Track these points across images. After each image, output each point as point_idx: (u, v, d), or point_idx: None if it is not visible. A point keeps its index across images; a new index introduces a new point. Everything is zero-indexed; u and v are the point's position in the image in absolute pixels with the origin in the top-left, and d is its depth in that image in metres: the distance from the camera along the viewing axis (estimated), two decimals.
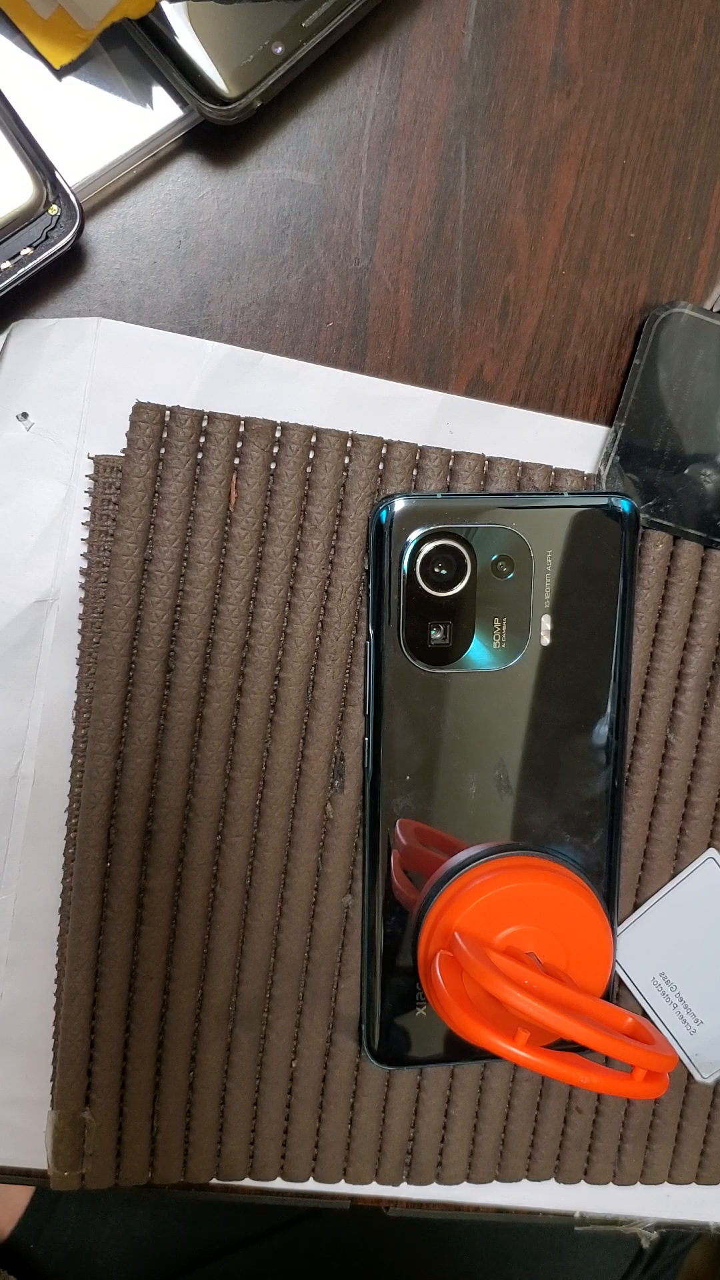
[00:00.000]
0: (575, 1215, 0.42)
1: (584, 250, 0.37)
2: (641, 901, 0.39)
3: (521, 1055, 0.31)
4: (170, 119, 0.34)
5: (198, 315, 0.36)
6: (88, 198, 0.34)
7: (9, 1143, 0.37)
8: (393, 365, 0.37)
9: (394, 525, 0.34)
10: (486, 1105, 0.39)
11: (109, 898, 0.36)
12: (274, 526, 0.35)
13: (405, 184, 0.36)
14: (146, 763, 0.35)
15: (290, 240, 0.36)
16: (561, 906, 0.35)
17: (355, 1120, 0.39)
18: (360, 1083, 0.38)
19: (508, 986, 0.31)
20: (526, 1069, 0.37)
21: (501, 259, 0.37)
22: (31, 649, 0.36)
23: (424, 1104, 0.39)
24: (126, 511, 0.34)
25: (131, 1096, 0.37)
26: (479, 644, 0.35)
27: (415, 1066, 0.38)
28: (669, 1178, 0.41)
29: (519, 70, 0.36)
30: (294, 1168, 0.39)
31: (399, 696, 0.35)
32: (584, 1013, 0.33)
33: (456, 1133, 0.39)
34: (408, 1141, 0.39)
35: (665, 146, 0.38)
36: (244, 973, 0.37)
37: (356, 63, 0.36)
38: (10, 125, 0.31)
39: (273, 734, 0.36)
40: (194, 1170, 0.38)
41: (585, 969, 0.35)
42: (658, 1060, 0.31)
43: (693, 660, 0.38)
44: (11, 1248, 0.55)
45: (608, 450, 0.37)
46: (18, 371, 0.34)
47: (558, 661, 0.36)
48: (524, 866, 0.35)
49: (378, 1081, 0.38)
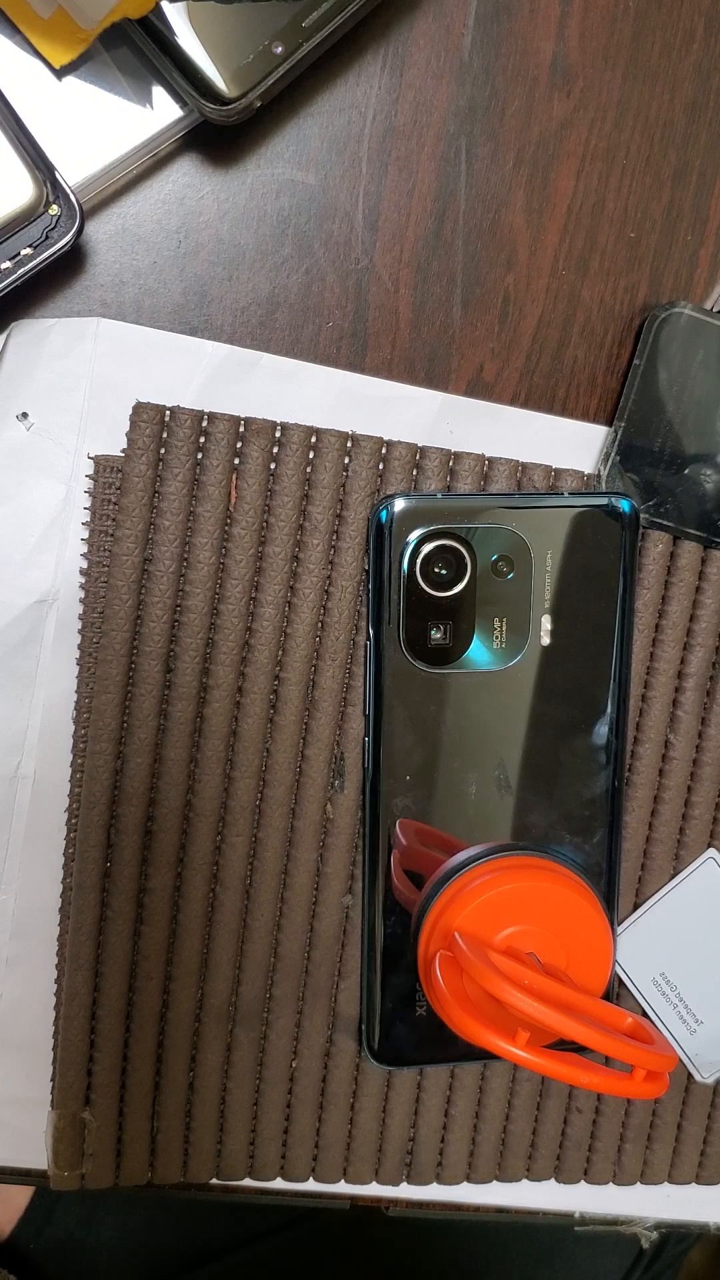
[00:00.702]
0: (575, 1215, 0.42)
1: (584, 250, 0.37)
2: (641, 901, 0.39)
3: (521, 1055, 0.31)
4: (170, 119, 0.34)
5: (198, 315, 0.36)
6: (88, 198, 0.34)
7: (9, 1143, 0.37)
8: (393, 365, 0.37)
9: (394, 525, 0.34)
10: (486, 1105, 0.39)
11: (109, 898, 0.36)
12: (274, 526, 0.35)
13: (405, 184, 0.36)
14: (146, 763, 0.35)
15: (290, 240, 0.36)
16: (561, 906, 0.35)
17: (355, 1120, 0.39)
18: (360, 1083, 0.38)
19: (508, 986, 0.31)
20: (526, 1069, 0.37)
21: (501, 259, 0.37)
22: (31, 649, 0.36)
23: (424, 1104, 0.39)
24: (126, 511, 0.34)
25: (131, 1096, 0.37)
26: (479, 644, 0.35)
27: (415, 1066, 0.38)
28: (669, 1178, 0.41)
29: (519, 70, 0.36)
30: (294, 1168, 0.39)
31: (399, 696, 0.35)
32: (584, 1013, 0.33)
33: (456, 1133, 0.39)
34: (408, 1141, 0.39)
35: (665, 146, 0.38)
36: (244, 973, 0.37)
37: (356, 63, 0.36)
38: (10, 125, 0.31)
39: (273, 734, 0.36)
40: (194, 1170, 0.38)
41: (585, 969, 0.35)
42: (658, 1060, 0.31)
43: (693, 660, 0.38)
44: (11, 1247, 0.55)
45: (608, 450, 0.37)
46: (18, 371, 0.34)
47: (558, 661, 0.36)
48: (524, 866, 0.35)
49: (378, 1081, 0.38)
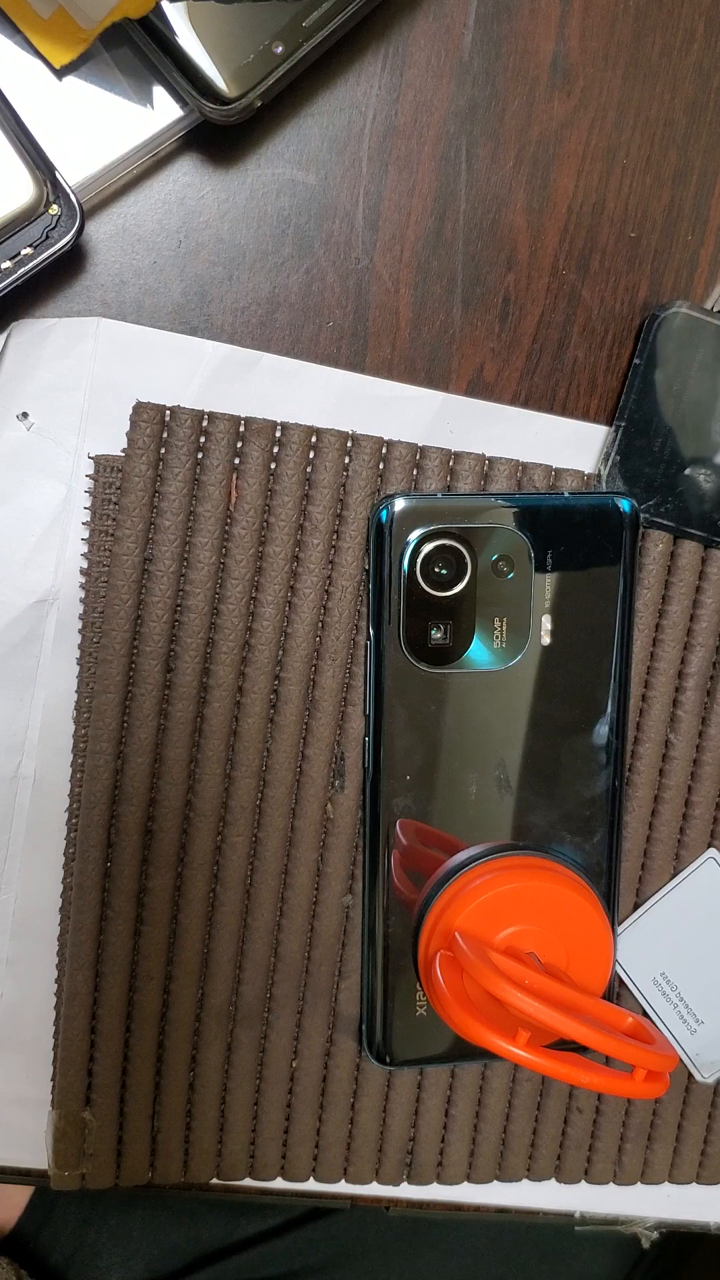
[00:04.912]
0: (575, 1215, 0.41)
1: (584, 250, 0.37)
2: (641, 901, 0.39)
3: (521, 1055, 0.31)
4: (170, 119, 0.34)
5: (198, 315, 0.36)
6: (88, 198, 0.34)
7: (9, 1143, 0.37)
8: (393, 365, 0.37)
9: (394, 525, 0.34)
10: (487, 1105, 0.39)
11: (109, 897, 0.36)
12: (274, 526, 0.35)
13: (405, 184, 0.36)
14: (147, 762, 0.35)
15: (290, 240, 0.36)
16: (561, 906, 0.35)
17: (355, 1120, 0.39)
18: (360, 1083, 0.38)
19: (508, 986, 0.31)
20: (526, 1069, 0.37)
21: (501, 259, 0.37)
22: (32, 649, 0.36)
23: (424, 1104, 0.39)
24: (127, 511, 0.34)
25: (132, 1096, 0.37)
26: (479, 644, 0.35)
27: (415, 1066, 0.38)
28: (669, 1178, 0.41)
29: (519, 70, 0.36)
30: (294, 1168, 0.39)
31: (399, 696, 0.35)
32: (584, 1013, 0.33)
33: (457, 1133, 0.39)
34: (408, 1141, 0.39)
35: (665, 146, 0.38)
36: (244, 972, 0.37)
37: (357, 63, 0.36)
38: (10, 125, 0.31)
39: (273, 734, 0.36)
40: (194, 1170, 0.38)
41: (585, 969, 0.35)
42: (658, 1060, 0.31)
43: (693, 660, 0.38)
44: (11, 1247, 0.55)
45: (608, 450, 0.37)
46: (18, 371, 0.34)
47: (558, 661, 0.36)
48: (524, 866, 0.35)
49: (378, 1081, 0.38)
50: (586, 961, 0.35)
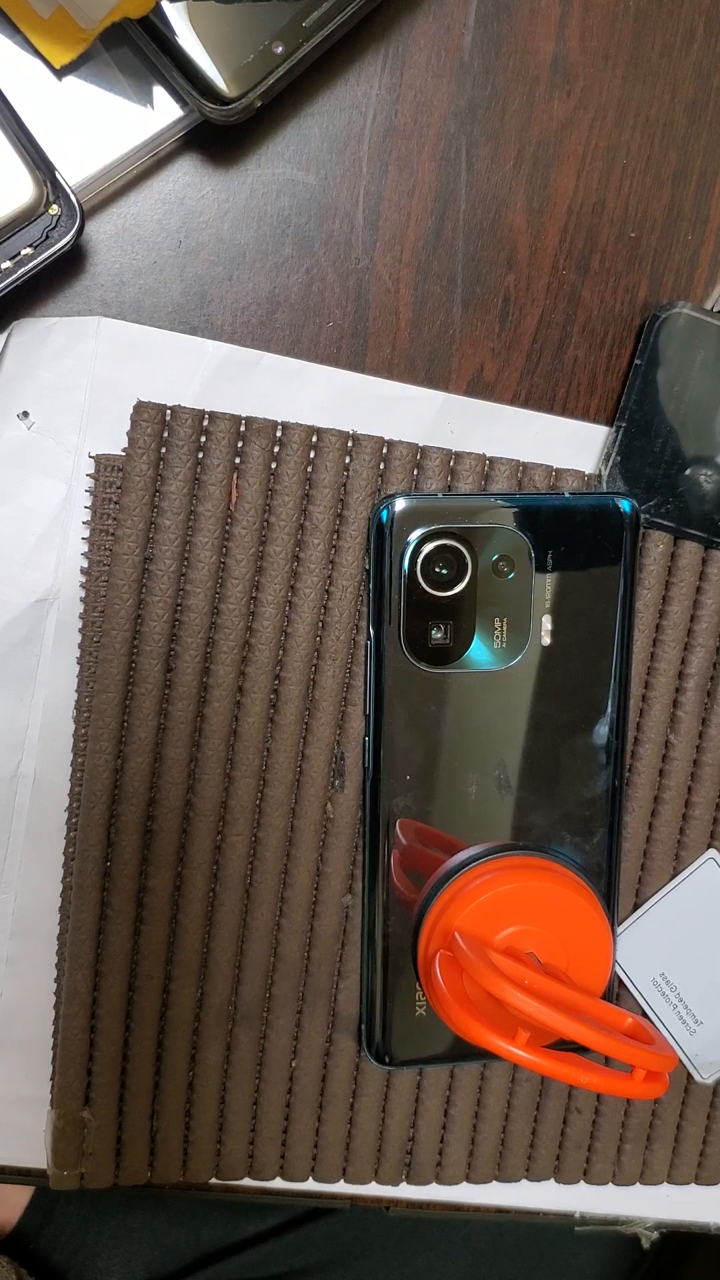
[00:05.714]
0: (575, 1215, 0.41)
1: (584, 250, 0.37)
2: (641, 901, 0.39)
3: (521, 1055, 0.31)
4: (170, 119, 0.34)
5: (198, 315, 0.36)
6: (88, 198, 0.35)
7: (9, 1143, 0.37)
8: (393, 365, 0.37)
9: (394, 525, 0.34)
10: (486, 1105, 0.39)
11: (109, 897, 0.36)
12: (274, 526, 0.35)
13: (405, 184, 0.36)
14: (146, 762, 0.35)
15: (290, 240, 0.36)
16: (561, 906, 0.35)
17: (355, 1120, 0.39)
18: (360, 1083, 0.38)
19: (508, 986, 0.31)
20: (526, 1069, 0.37)
21: (502, 259, 0.37)
22: (32, 648, 0.36)
23: (424, 1104, 0.39)
24: (127, 510, 0.34)
25: (131, 1096, 0.37)
26: (479, 644, 0.35)
27: (414, 1066, 0.38)
28: (669, 1178, 0.41)
29: (519, 70, 0.36)
30: (294, 1167, 0.39)
31: (399, 696, 0.35)
32: (584, 1013, 0.33)
33: (456, 1133, 0.39)
34: (407, 1141, 0.39)
35: (665, 146, 0.38)
36: (244, 972, 0.37)
37: (356, 63, 0.36)
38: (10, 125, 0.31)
39: (273, 733, 0.36)
40: (194, 1170, 0.38)
41: (585, 969, 0.35)
42: (658, 1060, 0.31)
43: (693, 660, 0.38)
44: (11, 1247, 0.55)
45: (608, 450, 0.37)
46: (19, 371, 0.34)
47: (558, 661, 0.36)
48: (524, 866, 0.35)
49: (378, 1081, 0.38)
50: (586, 962, 0.35)
